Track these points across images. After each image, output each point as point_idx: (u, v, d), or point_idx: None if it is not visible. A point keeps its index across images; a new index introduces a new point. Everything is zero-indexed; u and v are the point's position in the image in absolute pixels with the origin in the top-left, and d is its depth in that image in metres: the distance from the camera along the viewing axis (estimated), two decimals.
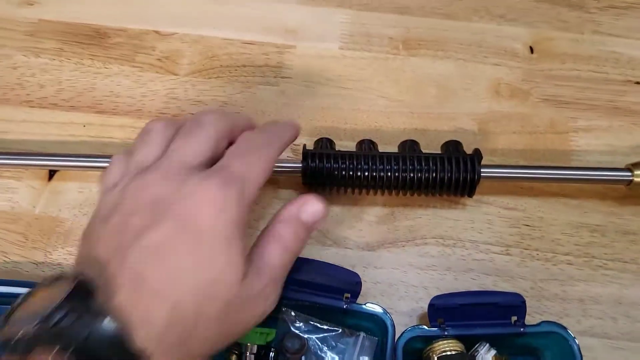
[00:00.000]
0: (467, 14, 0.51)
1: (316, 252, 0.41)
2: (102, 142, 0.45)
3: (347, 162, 0.40)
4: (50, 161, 0.41)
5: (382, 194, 0.41)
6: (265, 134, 0.33)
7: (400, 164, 0.40)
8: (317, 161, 0.40)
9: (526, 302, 0.36)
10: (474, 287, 0.41)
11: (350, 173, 0.40)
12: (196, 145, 0.30)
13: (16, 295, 0.25)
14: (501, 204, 0.43)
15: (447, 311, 0.36)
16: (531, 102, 0.47)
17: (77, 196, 0.43)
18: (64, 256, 0.41)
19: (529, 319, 0.36)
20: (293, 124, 0.35)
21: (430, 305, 0.36)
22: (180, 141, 0.30)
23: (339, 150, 0.41)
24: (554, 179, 0.42)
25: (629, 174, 0.42)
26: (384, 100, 0.47)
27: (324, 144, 0.42)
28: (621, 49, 0.50)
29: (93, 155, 0.41)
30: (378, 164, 0.40)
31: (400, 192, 0.41)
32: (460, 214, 0.43)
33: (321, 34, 0.50)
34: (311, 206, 0.31)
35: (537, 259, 0.42)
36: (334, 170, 0.40)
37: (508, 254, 0.42)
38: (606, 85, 0.48)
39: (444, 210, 0.43)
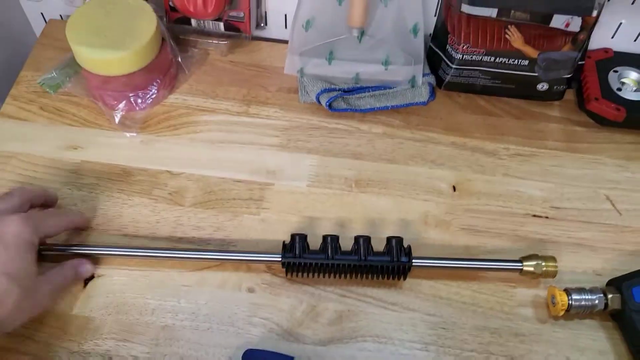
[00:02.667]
0: (406, 159, 0.67)
1: (283, 346, 0.55)
2: (127, 259, 0.59)
3: (313, 263, 0.55)
4: None
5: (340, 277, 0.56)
6: (60, 216, 0.57)
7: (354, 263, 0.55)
8: (292, 263, 0.55)
9: None
10: None
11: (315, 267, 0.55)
12: (8, 205, 0.52)
13: None
14: (425, 311, 0.57)
15: None
16: (451, 232, 0.62)
17: None
18: None
19: None
20: (83, 217, 0.60)
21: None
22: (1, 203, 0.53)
23: (309, 253, 0.56)
24: (464, 267, 0.57)
25: (519, 264, 0.56)
26: (338, 227, 0.62)
27: (299, 241, 0.56)
28: (523, 189, 0.65)
29: None
30: (338, 265, 0.55)
31: (355, 277, 0.56)
32: (392, 318, 0.57)
33: (294, 175, 0.65)
34: (85, 265, 0.56)
35: (449, 354, 0.55)
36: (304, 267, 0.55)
37: (426, 350, 0.55)
38: (511, 217, 0.63)
39: (381, 315, 0.57)
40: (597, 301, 0.55)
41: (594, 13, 0.61)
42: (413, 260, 0.56)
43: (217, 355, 0.54)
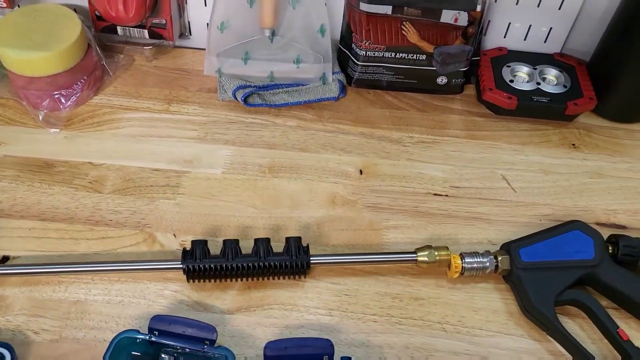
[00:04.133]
0: (317, 148, 0.71)
1: (193, 316, 0.57)
2: (43, 240, 0.61)
3: (217, 265, 0.57)
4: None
5: (245, 280, 0.58)
6: None
7: (254, 262, 0.57)
8: (194, 266, 0.57)
9: (338, 348, 0.51)
10: None
11: (219, 270, 0.57)
12: None
13: None
14: (329, 281, 0.60)
15: (277, 352, 0.51)
16: (357, 209, 0.66)
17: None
18: None
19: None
20: None
21: (265, 349, 0.52)
22: None
23: (210, 257, 0.57)
24: (362, 262, 0.60)
25: (415, 255, 0.60)
26: (251, 209, 0.65)
27: (200, 246, 0.58)
28: (425, 171, 0.70)
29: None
30: (239, 264, 0.57)
31: (257, 278, 0.58)
32: (298, 288, 0.60)
33: (210, 163, 0.69)
34: None
35: (351, 319, 0.58)
36: (208, 271, 0.57)
37: (330, 315, 0.58)
38: (413, 196, 0.68)
39: (287, 287, 0.60)
40: (487, 263, 0.59)
41: (478, 7, 0.68)
42: (311, 259, 0.58)
43: (127, 325, 0.56)
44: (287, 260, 0.58)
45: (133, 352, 0.52)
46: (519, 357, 0.56)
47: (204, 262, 0.57)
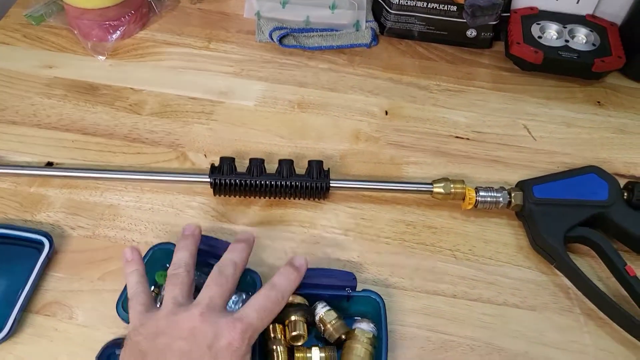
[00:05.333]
0: (346, 89, 0.74)
1: (217, 227, 0.60)
2: (84, 151, 0.66)
3: (242, 181, 0.60)
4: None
5: (267, 198, 0.62)
6: (278, 294, 0.48)
7: (277, 180, 0.60)
8: (220, 180, 0.60)
9: (351, 265, 0.54)
10: (319, 254, 0.59)
11: (244, 186, 0.60)
12: (224, 293, 0.47)
13: None
14: (347, 205, 0.63)
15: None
16: (379, 145, 0.69)
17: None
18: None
19: (356, 277, 0.54)
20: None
21: None
22: (213, 288, 0.46)
23: (237, 173, 0.61)
24: (379, 189, 0.63)
25: (431, 186, 0.62)
26: (278, 138, 0.69)
27: (228, 163, 0.62)
28: (449, 116, 0.72)
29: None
30: (262, 181, 0.60)
31: (279, 197, 0.62)
32: (317, 209, 0.63)
33: (243, 95, 0.73)
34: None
35: (365, 240, 0.61)
36: (233, 186, 0.60)
37: (346, 235, 0.61)
38: (435, 137, 0.70)
39: (307, 207, 0.63)
40: (501, 197, 0.61)
41: None
42: (331, 182, 0.61)
43: (155, 230, 0.60)
44: (308, 181, 0.61)
45: (167, 265, 0.56)
46: (524, 287, 0.58)
47: (230, 177, 0.61)
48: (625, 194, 0.62)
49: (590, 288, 0.56)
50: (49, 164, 0.65)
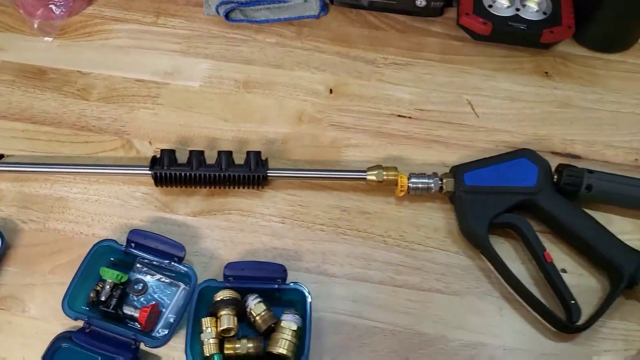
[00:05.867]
0: (292, 65, 0.74)
1: (160, 217, 0.64)
2: (33, 142, 0.68)
3: (181, 173, 0.62)
4: None
5: (208, 188, 0.64)
6: None
7: (215, 172, 0.62)
8: (161, 173, 0.62)
9: (286, 252, 0.58)
10: (256, 243, 0.62)
11: (183, 178, 0.63)
12: None
13: None
14: (286, 192, 0.65)
15: (234, 272, 0.57)
16: (322, 127, 0.70)
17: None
18: None
19: (290, 265, 0.58)
20: None
21: (225, 268, 0.58)
22: None
23: (177, 165, 0.63)
24: (314, 177, 0.65)
25: (364, 173, 0.64)
26: (222, 122, 0.70)
27: (168, 155, 0.63)
28: (393, 93, 0.72)
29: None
30: (201, 173, 0.62)
31: (219, 187, 0.64)
32: (256, 197, 0.65)
33: (189, 76, 0.73)
34: None
35: (301, 227, 0.63)
36: (174, 178, 0.63)
37: (283, 223, 0.64)
38: (377, 116, 0.71)
39: (247, 195, 0.65)
40: (432, 184, 0.63)
41: None
42: (268, 172, 0.63)
43: (101, 222, 0.63)
44: (246, 172, 0.63)
45: (112, 258, 0.60)
46: (450, 272, 0.61)
47: (170, 170, 0.63)
48: (556, 177, 0.63)
49: (508, 274, 0.59)
50: (0, 157, 0.67)
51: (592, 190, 0.62)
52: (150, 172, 0.63)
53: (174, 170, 0.63)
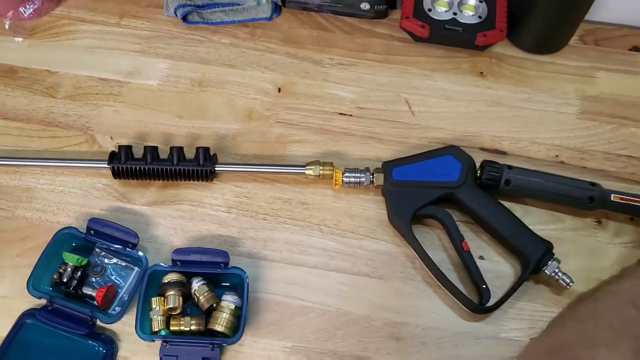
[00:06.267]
0: (244, 65, 0.80)
1: (118, 207, 0.70)
2: (4, 136, 0.74)
3: (137, 167, 0.69)
4: None
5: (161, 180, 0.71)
6: None
7: (167, 166, 0.69)
8: (118, 167, 0.69)
9: (231, 239, 0.65)
10: (204, 231, 0.69)
11: (139, 171, 0.69)
12: None
13: None
14: (233, 184, 0.72)
15: (181, 257, 0.64)
16: (269, 124, 0.76)
17: None
18: None
19: (233, 250, 0.65)
20: None
21: (172, 253, 0.64)
22: None
23: (133, 160, 0.69)
24: (258, 172, 0.71)
25: (303, 168, 0.70)
26: (177, 119, 0.76)
27: (125, 150, 0.70)
28: (337, 92, 0.78)
29: None
30: (155, 167, 0.69)
31: (171, 179, 0.70)
32: (206, 189, 0.72)
33: (149, 75, 0.79)
34: None
35: (245, 216, 0.70)
36: (130, 171, 0.69)
37: (229, 212, 0.70)
38: (321, 114, 0.77)
39: (198, 187, 0.72)
40: (364, 178, 0.69)
41: None
42: (216, 167, 0.70)
43: (65, 210, 0.70)
44: (195, 167, 0.70)
45: (73, 244, 0.67)
46: (378, 258, 0.68)
47: (126, 164, 0.69)
48: (479, 172, 0.69)
49: (429, 261, 0.66)
50: None
51: (510, 184, 0.68)
52: (108, 165, 0.70)
53: (130, 165, 0.69)
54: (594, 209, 0.68)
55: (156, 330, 0.62)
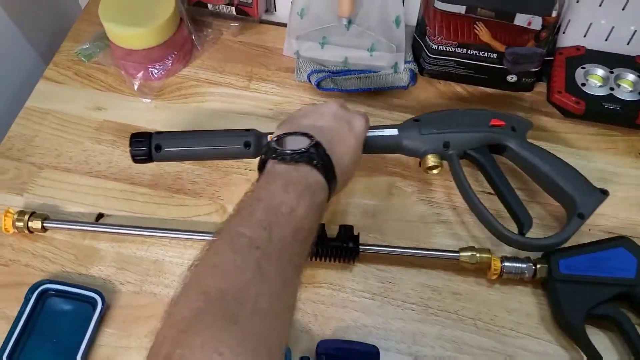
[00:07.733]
0: None
1: None
2: (131, 202, 0.71)
3: None
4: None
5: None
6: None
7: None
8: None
9: (376, 331, 0.59)
10: (347, 318, 0.63)
11: None
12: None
13: None
14: (376, 267, 0.66)
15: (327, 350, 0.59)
16: (412, 200, 0.70)
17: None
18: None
19: (379, 344, 0.59)
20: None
21: (317, 346, 0.59)
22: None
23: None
24: (409, 255, 0.65)
25: (457, 254, 0.64)
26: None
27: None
28: None
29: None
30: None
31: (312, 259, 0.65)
32: (347, 271, 0.66)
33: None
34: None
35: (392, 305, 0.64)
36: None
37: (373, 300, 0.64)
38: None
39: (337, 269, 0.66)
40: (526, 270, 0.63)
41: (554, 13, 0.67)
42: (360, 248, 0.64)
43: None
44: (339, 245, 0.64)
45: None
46: None
47: None
48: None
49: None
50: (100, 215, 0.70)
51: None
52: None
53: None
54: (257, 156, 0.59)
55: None
